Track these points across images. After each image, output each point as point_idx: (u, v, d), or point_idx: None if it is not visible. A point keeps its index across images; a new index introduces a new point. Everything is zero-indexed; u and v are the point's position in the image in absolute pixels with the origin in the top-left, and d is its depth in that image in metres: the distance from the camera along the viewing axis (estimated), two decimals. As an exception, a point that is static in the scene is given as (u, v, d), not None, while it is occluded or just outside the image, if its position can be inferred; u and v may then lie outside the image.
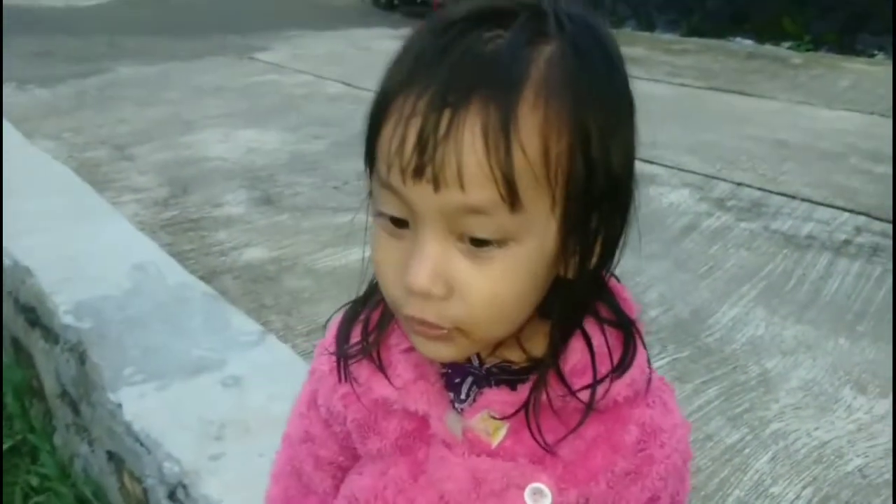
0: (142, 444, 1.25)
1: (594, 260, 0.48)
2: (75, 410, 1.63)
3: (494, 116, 0.40)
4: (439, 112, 0.41)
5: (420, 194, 0.42)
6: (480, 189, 0.41)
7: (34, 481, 1.71)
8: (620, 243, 0.48)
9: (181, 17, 6.83)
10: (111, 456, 1.42)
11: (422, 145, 0.41)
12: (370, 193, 0.49)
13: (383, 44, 5.59)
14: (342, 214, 2.34)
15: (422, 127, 0.41)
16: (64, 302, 1.67)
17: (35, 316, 1.79)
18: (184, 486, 1.16)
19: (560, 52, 0.42)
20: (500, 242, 0.44)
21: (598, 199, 0.45)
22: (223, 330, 1.58)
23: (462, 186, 0.41)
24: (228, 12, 7.16)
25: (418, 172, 0.41)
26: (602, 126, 0.43)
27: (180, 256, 2.01)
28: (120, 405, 1.33)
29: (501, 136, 0.40)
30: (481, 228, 0.43)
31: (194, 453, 1.19)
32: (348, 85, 4.15)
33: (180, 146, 3.09)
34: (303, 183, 2.64)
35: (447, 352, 0.48)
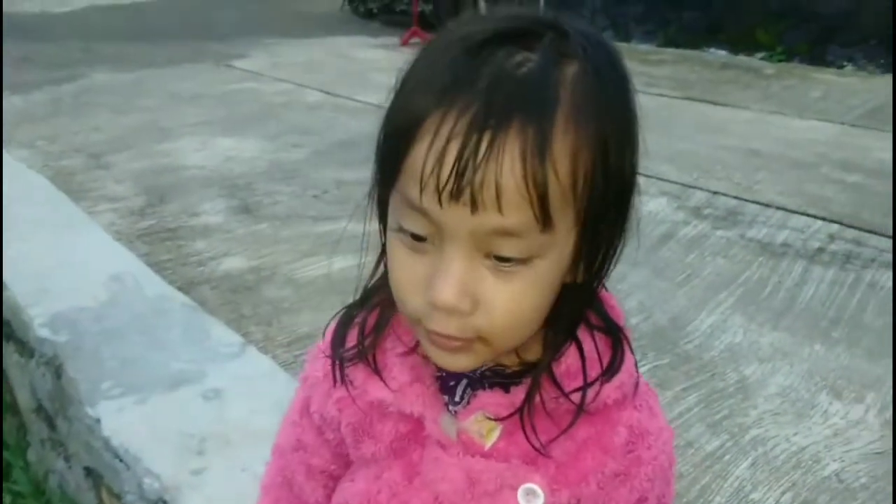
0: (121, 460, 1.23)
1: (597, 269, 0.49)
2: (51, 425, 1.60)
3: (532, 141, 0.41)
4: (479, 135, 0.41)
5: (454, 216, 0.43)
6: (517, 212, 0.42)
7: (7, 499, 1.67)
8: (620, 249, 0.50)
9: (158, 24, 6.77)
10: (89, 472, 1.40)
11: (461, 167, 0.41)
12: (377, 204, 0.49)
13: (363, 52, 5.59)
14: (322, 223, 2.33)
15: (461, 149, 0.41)
16: (39, 314, 1.64)
17: (9, 329, 1.76)
18: (164, 502, 1.14)
19: (582, 72, 0.44)
20: (526, 259, 0.45)
21: (609, 213, 0.47)
22: (202, 341, 1.57)
23: (500, 209, 0.42)
24: (206, 19, 7.11)
25: (456, 194, 0.42)
26: (618, 139, 0.45)
27: (158, 267, 1.99)
28: (98, 420, 1.31)
29: (538, 160, 0.41)
30: (510, 248, 0.44)
31: (175, 468, 1.18)
32: (327, 93, 4.14)
33: (157, 154, 3.05)
34: (282, 191, 2.63)
35: (466, 361, 0.49)
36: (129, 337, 1.57)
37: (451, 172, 0.41)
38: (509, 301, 0.45)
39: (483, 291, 0.45)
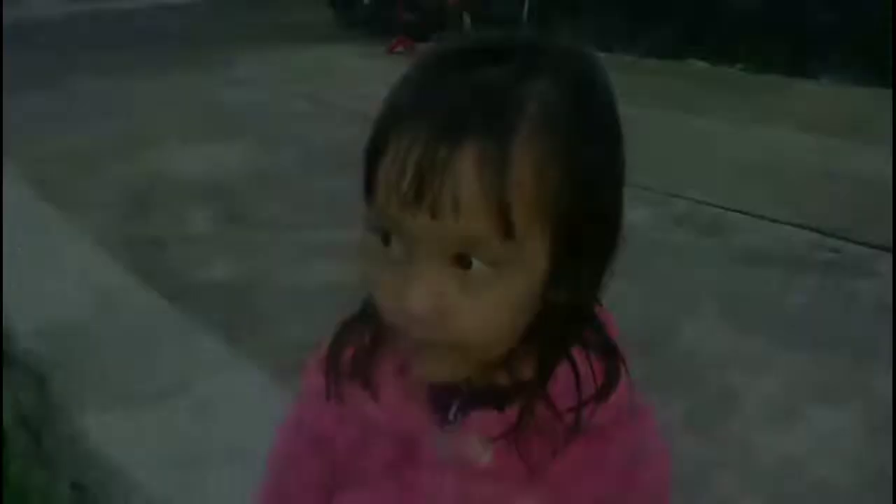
0: (107, 473, 1.22)
1: (582, 286, 0.50)
2: (35, 439, 1.57)
3: (490, 151, 0.42)
4: (438, 144, 0.42)
5: (417, 222, 0.44)
6: (476, 219, 0.43)
7: (-11, 513, 1.64)
8: (608, 270, 0.50)
9: (146, 31, 6.73)
10: (74, 486, 1.38)
11: (420, 175, 0.43)
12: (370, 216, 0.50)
13: (349, 60, 5.60)
14: (308, 231, 2.32)
15: (420, 158, 0.43)
16: (23, 325, 1.62)
17: (-8, 340, 1.74)
18: (152, 515, 1.13)
19: (554, 88, 0.45)
20: (492, 268, 0.45)
21: (587, 227, 0.47)
22: (190, 353, 1.56)
23: (458, 216, 0.43)
24: (194, 27, 7.09)
25: (416, 201, 0.43)
26: (592, 158, 0.46)
27: (144, 276, 1.97)
28: (84, 433, 1.30)
29: (496, 169, 0.42)
30: (475, 255, 0.45)
31: (163, 481, 1.17)
32: (315, 101, 4.14)
33: (143, 162, 3.03)
34: (269, 199, 2.62)
35: (441, 369, 0.50)
36: (115, 348, 1.56)
37: (412, 180, 0.43)
38: (476, 310, 0.46)
39: (451, 300, 0.46)
